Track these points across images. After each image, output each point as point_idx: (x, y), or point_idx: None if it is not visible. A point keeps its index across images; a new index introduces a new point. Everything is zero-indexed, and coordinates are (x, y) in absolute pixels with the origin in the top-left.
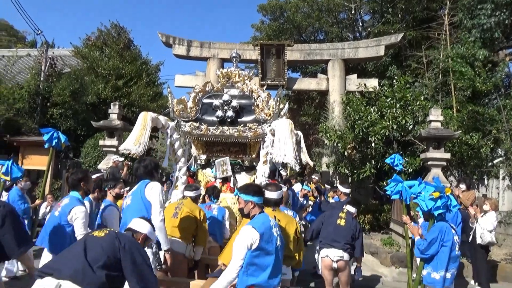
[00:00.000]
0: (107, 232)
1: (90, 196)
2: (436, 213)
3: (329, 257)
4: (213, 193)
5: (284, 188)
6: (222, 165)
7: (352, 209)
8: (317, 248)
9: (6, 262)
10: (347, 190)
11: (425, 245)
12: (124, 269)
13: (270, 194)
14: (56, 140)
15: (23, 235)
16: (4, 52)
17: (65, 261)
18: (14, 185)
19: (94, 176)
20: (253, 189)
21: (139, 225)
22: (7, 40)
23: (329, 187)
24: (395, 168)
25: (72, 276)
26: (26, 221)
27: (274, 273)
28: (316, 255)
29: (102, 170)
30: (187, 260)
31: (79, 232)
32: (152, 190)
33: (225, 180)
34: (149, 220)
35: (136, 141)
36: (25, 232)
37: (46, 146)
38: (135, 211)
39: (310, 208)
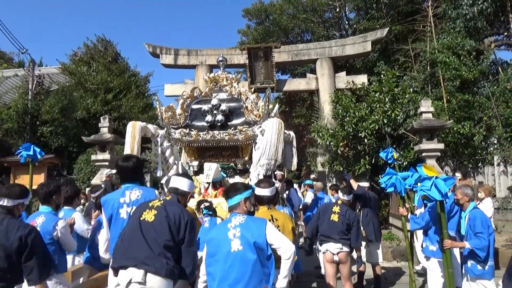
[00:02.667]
0: (155, 212)
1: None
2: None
3: (329, 250)
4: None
5: (277, 184)
6: (208, 169)
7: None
8: (318, 246)
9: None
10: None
11: (487, 238)
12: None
13: (261, 191)
14: (39, 153)
15: (48, 263)
16: None
17: (137, 253)
18: None
19: (97, 193)
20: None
21: (184, 184)
22: None
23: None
24: (388, 161)
25: (150, 268)
26: None
27: (227, 281)
28: (318, 254)
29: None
30: None
31: (70, 243)
32: None
33: (219, 185)
34: (187, 175)
35: (131, 152)
36: (50, 259)
37: (22, 161)
38: None
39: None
